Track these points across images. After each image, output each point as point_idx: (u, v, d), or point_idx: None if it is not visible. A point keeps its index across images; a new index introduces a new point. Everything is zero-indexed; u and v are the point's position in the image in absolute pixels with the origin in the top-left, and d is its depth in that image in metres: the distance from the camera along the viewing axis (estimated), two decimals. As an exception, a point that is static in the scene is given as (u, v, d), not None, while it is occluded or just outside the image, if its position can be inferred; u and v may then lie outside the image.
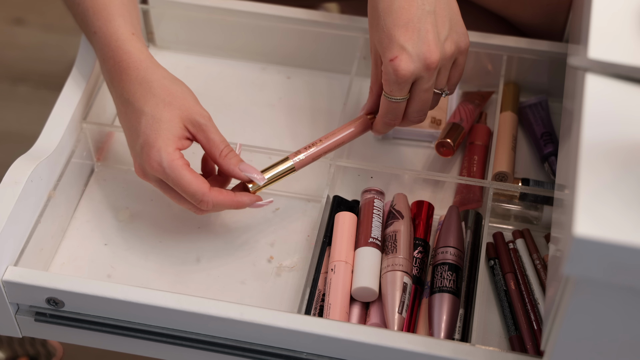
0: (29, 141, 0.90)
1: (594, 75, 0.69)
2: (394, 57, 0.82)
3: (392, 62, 0.82)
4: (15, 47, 1.88)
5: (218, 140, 0.85)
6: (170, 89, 0.85)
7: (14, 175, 0.84)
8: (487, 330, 0.85)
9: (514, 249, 0.90)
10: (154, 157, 0.82)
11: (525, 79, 1.02)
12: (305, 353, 0.80)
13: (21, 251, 0.84)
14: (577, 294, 0.63)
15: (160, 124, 0.83)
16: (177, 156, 0.83)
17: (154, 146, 0.83)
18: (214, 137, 0.85)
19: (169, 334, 0.81)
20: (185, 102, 0.85)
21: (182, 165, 0.82)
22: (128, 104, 0.85)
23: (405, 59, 0.82)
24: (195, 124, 0.85)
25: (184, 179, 0.82)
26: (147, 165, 0.83)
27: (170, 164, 0.82)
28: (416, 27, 0.82)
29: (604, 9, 0.74)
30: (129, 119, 0.85)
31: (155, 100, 0.84)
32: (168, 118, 0.84)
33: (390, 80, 0.83)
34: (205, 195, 0.83)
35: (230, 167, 0.85)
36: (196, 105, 0.85)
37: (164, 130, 0.83)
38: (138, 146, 0.84)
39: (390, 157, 0.98)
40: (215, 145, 0.85)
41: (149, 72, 0.86)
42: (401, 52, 0.82)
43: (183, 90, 0.86)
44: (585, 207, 0.60)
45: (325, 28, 1.01)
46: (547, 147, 0.96)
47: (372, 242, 0.86)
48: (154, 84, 0.85)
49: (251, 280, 0.88)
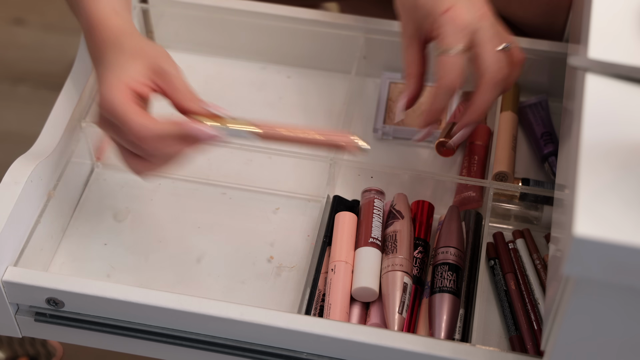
0: (29, 141, 0.90)
1: (594, 75, 0.69)
2: (447, 8, 0.80)
3: (447, 12, 0.80)
4: (15, 47, 1.88)
5: (183, 89, 0.79)
6: (143, 46, 0.80)
7: (14, 175, 0.84)
8: (487, 330, 0.85)
9: (514, 249, 0.90)
10: (104, 93, 0.77)
11: (525, 79, 1.02)
12: (305, 353, 0.80)
13: (21, 251, 0.84)
14: (577, 294, 0.63)
15: (118, 66, 0.78)
16: (129, 94, 0.76)
17: (104, 82, 0.77)
18: (179, 85, 0.79)
19: (169, 334, 0.81)
20: (152, 53, 0.79)
21: (133, 103, 0.76)
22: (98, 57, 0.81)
23: (460, 7, 0.80)
24: (160, 73, 0.79)
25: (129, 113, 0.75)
26: (99, 105, 0.78)
27: (117, 97, 0.76)
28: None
29: (604, 9, 0.74)
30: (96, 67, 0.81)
31: (122, 53, 0.79)
32: (130, 64, 0.78)
33: (448, 31, 0.79)
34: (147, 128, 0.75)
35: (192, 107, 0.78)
36: (166, 55, 0.80)
37: (119, 69, 0.77)
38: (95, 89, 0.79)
39: (390, 157, 0.98)
40: (181, 93, 0.79)
41: (126, 36, 0.81)
42: (455, 3, 0.80)
43: (157, 49, 0.80)
44: (585, 207, 0.60)
45: (325, 28, 1.01)
46: (547, 147, 0.96)
47: (372, 242, 0.86)
48: (125, 44, 0.80)
49: (251, 280, 0.88)
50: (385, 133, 0.99)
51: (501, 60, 0.82)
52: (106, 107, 0.77)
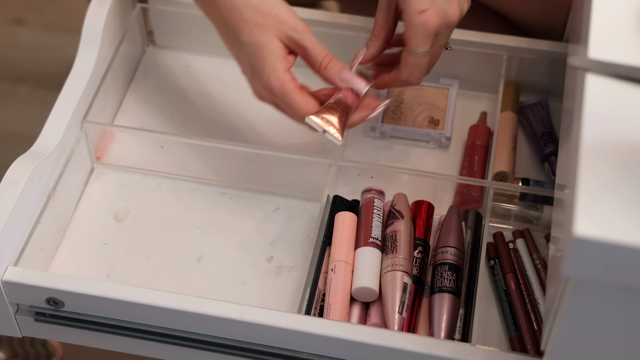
0: (29, 141, 0.90)
1: (594, 75, 0.69)
2: (424, 9, 0.81)
3: (423, 14, 0.81)
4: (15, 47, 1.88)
5: (316, 52, 0.85)
6: (260, 9, 0.84)
7: (14, 175, 0.84)
8: (487, 330, 0.85)
9: (514, 249, 0.90)
10: (265, 84, 0.83)
11: (525, 79, 1.02)
12: (305, 353, 0.80)
13: (21, 251, 0.84)
14: (577, 294, 0.63)
15: (261, 49, 0.83)
16: (287, 79, 0.83)
17: (262, 74, 0.83)
18: (312, 49, 0.85)
19: (169, 334, 0.81)
20: (277, 18, 0.84)
21: (292, 89, 0.83)
22: (227, 31, 0.86)
23: (434, 13, 0.81)
24: (291, 40, 0.84)
25: (295, 103, 0.83)
26: (261, 91, 0.85)
27: (280, 89, 0.83)
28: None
29: (604, 9, 0.74)
30: (233, 47, 0.86)
31: (249, 26, 0.84)
32: (266, 42, 0.83)
33: (419, 33, 0.82)
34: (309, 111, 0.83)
35: (331, 78, 0.85)
36: (290, 18, 0.85)
37: (266, 55, 0.83)
38: (249, 75, 0.85)
39: (390, 157, 0.98)
40: (314, 57, 0.85)
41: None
42: (432, 5, 0.81)
43: (273, 7, 0.85)
44: (585, 207, 0.60)
45: (326, 27, 1.01)
46: (547, 147, 0.96)
47: (372, 242, 0.86)
48: (242, 8, 0.84)
49: (251, 280, 0.88)
50: (383, 132, 0.99)
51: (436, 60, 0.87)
52: (272, 96, 0.84)
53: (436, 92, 1.02)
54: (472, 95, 1.04)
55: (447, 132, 0.98)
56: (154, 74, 1.06)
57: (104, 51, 0.97)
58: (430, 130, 0.98)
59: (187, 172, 0.96)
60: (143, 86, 1.05)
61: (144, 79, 1.06)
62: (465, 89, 1.04)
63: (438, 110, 1.00)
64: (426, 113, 1.00)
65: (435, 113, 1.00)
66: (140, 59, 1.07)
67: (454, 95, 1.01)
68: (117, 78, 1.02)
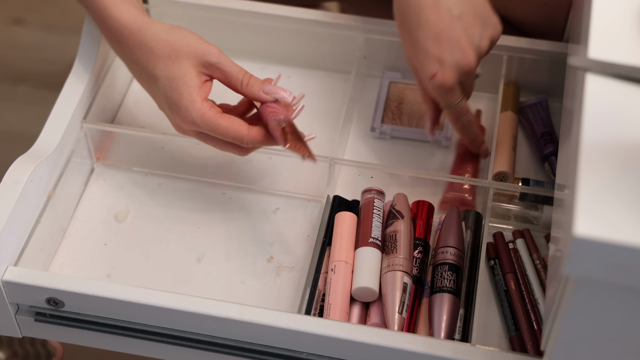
0: (29, 141, 0.90)
1: (594, 75, 0.69)
2: (434, 73, 0.83)
3: (434, 79, 0.83)
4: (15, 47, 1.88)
5: (235, 72, 0.84)
6: (170, 42, 0.84)
7: (14, 175, 0.84)
8: (487, 330, 0.85)
9: (514, 249, 0.90)
10: (185, 116, 0.83)
11: (525, 79, 1.02)
12: (305, 353, 0.80)
13: (21, 251, 0.84)
14: (577, 294, 0.63)
15: (176, 82, 0.83)
16: (206, 108, 0.83)
17: (181, 107, 0.83)
18: (230, 70, 0.84)
19: (169, 334, 0.81)
20: (189, 48, 0.83)
21: (214, 115, 0.82)
22: (137, 68, 0.86)
23: (445, 72, 0.83)
24: (207, 66, 0.84)
25: (220, 128, 0.82)
26: (182, 124, 0.84)
27: (202, 118, 0.82)
28: (448, 36, 0.83)
29: (604, 9, 0.74)
30: (148, 84, 0.86)
31: (162, 61, 0.84)
32: (181, 73, 0.83)
33: (440, 95, 0.85)
34: (244, 137, 0.83)
35: (255, 94, 0.85)
36: (202, 45, 0.84)
37: (182, 87, 0.83)
38: (167, 109, 0.85)
39: (390, 157, 0.98)
40: (234, 77, 0.84)
41: (143, 33, 0.85)
42: (439, 65, 0.83)
43: (183, 37, 0.84)
44: (585, 207, 0.60)
45: (325, 28, 1.01)
46: (547, 147, 0.96)
47: (372, 242, 0.86)
48: (152, 44, 0.84)
49: (251, 280, 0.88)
50: (383, 132, 0.99)
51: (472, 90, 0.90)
52: (195, 127, 0.83)
53: None
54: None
55: (447, 132, 0.98)
56: (154, 74, 1.06)
57: (104, 51, 0.97)
58: None
59: (187, 172, 0.96)
60: (143, 86, 1.05)
61: (144, 79, 1.06)
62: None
63: None
64: None
65: None
66: (140, 59, 1.07)
67: None
68: (118, 78, 1.02)
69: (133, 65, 0.87)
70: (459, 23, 0.84)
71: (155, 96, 0.86)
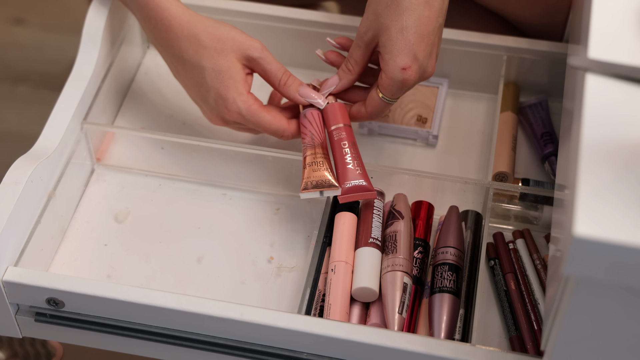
0: (29, 141, 0.90)
1: (594, 75, 0.69)
2: (407, 66, 0.83)
3: (405, 70, 0.83)
4: (15, 47, 1.88)
5: (275, 70, 0.88)
6: (217, 34, 0.87)
7: (14, 175, 0.84)
8: (487, 331, 0.85)
9: (514, 249, 0.90)
10: (232, 107, 0.87)
11: (525, 79, 1.02)
12: (305, 353, 0.80)
13: (21, 251, 0.84)
14: (577, 294, 0.63)
15: (223, 74, 0.86)
16: (251, 101, 0.87)
17: (227, 98, 0.86)
18: (270, 67, 0.88)
19: (169, 334, 0.81)
20: (234, 42, 0.87)
21: (259, 108, 0.87)
22: (184, 61, 0.88)
23: (415, 71, 0.84)
24: (250, 60, 0.87)
25: (264, 121, 0.87)
26: (226, 115, 0.88)
27: (248, 110, 0.86)
28: (431, 40, 0.84)
29: (604, 9, 0.74)
30: (191, 75, 0.88)
31: (208, 52, 0.87)
32: (227, 66, 0.87)
33: (396, 87, 0.85)
34: (285, 131, 0.88)
35: (290, 94, 0.89)
36: (246, 40, 0.87)
37: (229, 80, 0.86)
38: (212, 100, 0.87)
39: (389, 156, 0.98)
40: (273, 75, 0.88)
41: (192, 24, 0.88)
42: (414, 62, 0.83)
43: (229, 31, 0.88)
44: (585, 207, 0.60)
45: (325, 28, 1.01)
46: (547, 147, 0.96)
47: (372, 242, 0.86)
48: (200, 36, 0.87)
49: (251, 280, 0.88)
50: (371, 129, 1.00)
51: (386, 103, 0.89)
52: (240, 118, 0.87)
53: (426, 91, 1.03)
54: (472, 95, 1.04)
55: (434, 131, 0.99)
56: (154, 75, 1.06)
57: (104, 52, 0.97)
58: (418, 128, 0.99)
59: (187, 173, 0.96)
60: (143, 87, 1.05)
61: (145, 80, 1.06)
62: (465, 89, 1.04)
63: (427, 109, 1.01)
64: (414, 111, 1.01)
65: (423, 111, 1.00)
66: (140, 60, 1.07)
67: (443, 94, 1.02)
68: (118, 79, 1.02)
69: (177, 57, 0.89)
70: (439, 33, 0.86)
71: (195, 86, 0.89)
